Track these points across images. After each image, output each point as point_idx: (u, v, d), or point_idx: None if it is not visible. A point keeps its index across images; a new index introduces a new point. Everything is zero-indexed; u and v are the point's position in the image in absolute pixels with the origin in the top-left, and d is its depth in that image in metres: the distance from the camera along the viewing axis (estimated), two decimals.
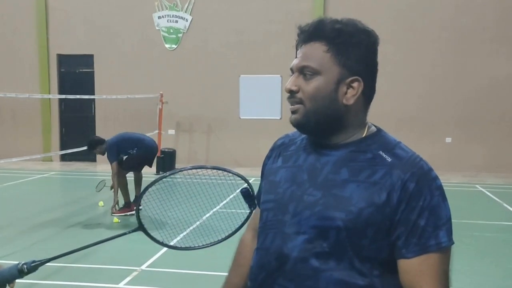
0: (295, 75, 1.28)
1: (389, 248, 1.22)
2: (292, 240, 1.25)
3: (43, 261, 1.27)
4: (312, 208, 1.24)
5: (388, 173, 1.21)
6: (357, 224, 1.19)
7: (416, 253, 1.19)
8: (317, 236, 1.22)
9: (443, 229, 1.20)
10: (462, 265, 5.09)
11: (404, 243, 1.20)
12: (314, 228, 1.23)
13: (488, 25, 11.18)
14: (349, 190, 1.22)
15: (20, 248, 5.44)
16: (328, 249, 1.22)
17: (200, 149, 12.28)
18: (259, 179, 1.48)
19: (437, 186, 1.22)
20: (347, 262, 1.22)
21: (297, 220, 1.25)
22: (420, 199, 1.19)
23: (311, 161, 1.30)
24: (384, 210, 1.19)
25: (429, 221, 1.19)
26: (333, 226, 1.21)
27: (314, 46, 1.25)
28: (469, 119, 11.36)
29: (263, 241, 1.33)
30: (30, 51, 12.62)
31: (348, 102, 1.25)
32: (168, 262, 5.07)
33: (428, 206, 1.19)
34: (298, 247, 1.24)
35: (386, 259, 1.23)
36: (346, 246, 1.21)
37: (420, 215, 1.19)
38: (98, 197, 7.67)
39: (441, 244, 1.20)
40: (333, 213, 1.21)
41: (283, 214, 1.28)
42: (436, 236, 1.19)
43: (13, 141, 12.67)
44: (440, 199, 1.22)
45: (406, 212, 1.19)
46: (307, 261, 1.23)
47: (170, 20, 12.29)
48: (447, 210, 1.22)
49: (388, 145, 1.28)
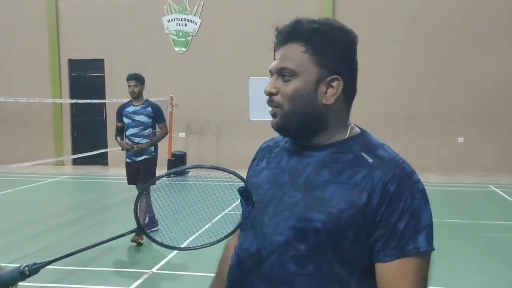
0: (274, 77, 1.27)
1: (369, 251, 1.19)
2: (270, 241, 1.23)
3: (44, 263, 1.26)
4: (292, 209, 1.22)
5: (369, 174, 1.19)
6: (337, 226, 1.17)
7: (394, 257, 1.16)
8: (296, 238, 1.20)
9: (422, 234, 1.17)
10: (474, 265, 5.04)
11: (382, 246, 1.17)
12: (292, 229, 1.21)
13: (497, 23, 11.07)
14: (330, 191, 1.20)
15: (32, 251, 5.48)
16: (306, 252, 1.19)
17: (210, 151, 12.31)
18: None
19: (419, 189, 1.19)
20: (326, 267, 1.19)
21: (276, 221, 1.24)
22: (401, 201, 1.16)
23: (294, 163, 1.29)
24: (364, 212, 1.17)
25: (409, 224, 1.16)
26: (312, 228, 1.18)
27: (292, 47, 1.24)
28: (481, 118, 11.24)
29: (243, 242, 1.32)
30: (41, 56, 12.74)
31: (328, 101, 1.24)
32: (178, 264, 5.08)
33: (409, 209, 1.16)
34: (276, 249, 1.22)
35: (367, 263, 1.20)
36: (326, 249, 1.18)
37: (400, 218, 1.16)
38: (109, 200, 7.70)
39: (419, 248, 1.16)
40: (313, 214, 1.19)
41: (263, 215, 1.27)
42: (415, 240, 1.16)
43: (25, 145, 12.80)
44: (422, 202, 1.18)
45: (386, 214, 1.16)
46: (284, 264, 1.21)
47: (180, 23, 12.34)
48: (428, 215, 1.19)
49: (371, 146, 1.25)
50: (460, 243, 5.79)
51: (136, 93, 5.96)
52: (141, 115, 5.98)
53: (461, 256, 5.36)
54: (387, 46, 11.12)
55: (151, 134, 6.03)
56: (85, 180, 11.05)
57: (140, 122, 5.97)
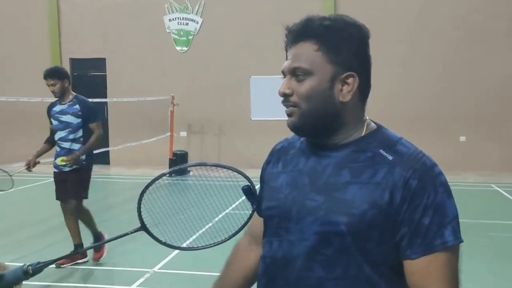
0: (287, 78, 1.25)
1: (396, 250, 1.17)
2: (296, 247, 1.22)
3: (47, 262, 1.26)
4: (315, 214, 1.20)
5: (390, 172, 1.17)
6: (361, 227, 1.15)
7: (421, 254, 1.14)
8: (321, 242, 1.18)
9: (448, 228, 1.15)
10: (478, 265, 5.01)
11: (408, 244, 1.15)
12: (317, 234, 1.19)
13: (501, 22, 11.03)
14: (351, 192, 1.18)
15: (33, 251, 5.48)
16: (333, 255, 1.18)
17: (211, 150, 12.29)
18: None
19: (441, 183, 1.17)
20: (354, 269, 1.17)
21: (300, 227, 1.22)
22: (423, 196, 1.14)
23: (312, 164, 1.26)
24: (387, 211, 1.15)
25: (433, 219, 1.14)
26: (336, 231, 1.17)
27: (304, 46, 1.22)
28: (484, 118, 11.21)
29: (269, 249, 1.29)
30: (43, 56, 12.73)
31: (345, 98, 1.22)
32: (180, 264, 5.06)
33: (432, 204, 1.14)
34: (302, 254, 1.20)
35: (394, 262, 1.18)
36: (352, 252, 1.16)
37: (424, 214, 1.14)
38: (111, 200, 7.70)
39: (446, 243, 1.14)
40: (336, 217, 1.17)
41: (287, 221, 1.25)
42: (442, 235, 1.14)
43: (26, 145, 12.75)
44: (445, 196, 1.16)
45: (409, 211, 1.14)
46: (312, 270, 1.19)
47: (181, 22, 12.32)
48: (453, 208, 1.17)
49: (389, 142, 1.23)
50: (464, 243, 5.71)
51: (58, 92, 4.95)
52: (68, 114, 4.96)
53: (466, 255, 5.27)
54: (390, 46, 11.08)
55: (81, 138, 5.01)
56: None
57: (67, 124, 4.96)
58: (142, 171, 11.23)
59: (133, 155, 12.03)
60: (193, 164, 1.29)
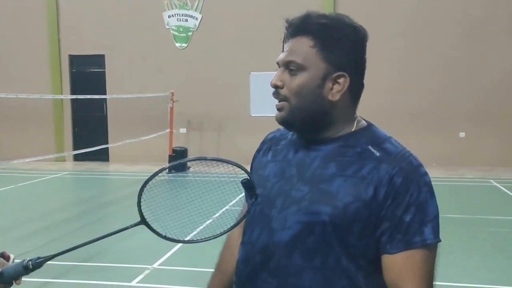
0: (280, 70, 1.26)
1: (376, 246, 1.20)
2: (278, 235, 1.23)
3: (47, 258, 1.26)
4: (299, 203, 1.22)
5: (376, 167, 1.19)
6: (344, 219, 1.17)
7: (400, 249, 1.16)
8: (303, 231, 1.20)
9: (429, 226, 1.17)
10: (476, 260, 5.03)
11: (388, 239, 1.17)
12: (299, 223, 1.21)
13: (501, 17, 11.03)
14: (336, 184, 1.20)
15: (33, 247, 5.48)
16: (313, 245, 1.20)
17: (211, 147, 12.29)
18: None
19: (425, 182, 1.20)
20: (333, 260, 1.19)
21: (284, 215, 1.24)
22: (407, 194, 1.17)
23: (300, 156, 1.28)
24: (371, 205, 1.17)
25: (415, 217, 1.16)
26: (319, 221, 1.19)
27: (301, 40, 1.23)
28: (483, 113, 11.21)
29: (250, 236, 1.31)
30: (41, 52, 12.72)
31: (334, 98, 1.23)
32: (180, 260, 5.08)
33: (415, 202, 1.17)
34: (284, 242, 1.22)
35: (373, 257, 1.20)
36: (332, 242, 1.18)
37: (406, 211, 1.16)
38: (110, 196, 7.71)
39: (426, 240, 1.16)
40: (319, 207, 1.19)
41: (270, 208, 1.27)
42: (422, 233, 1.16)
43: (26, 141, 12.79)
44: (428, 196, 1.19)
45: (392, 208, 1.17)
46: (292, 258, 1.22)
47: (180, 18, 12.30)
48: (434, 207, 1.19)
49: (378, 140, 1.25)
50: (463, 238, 5.78)
51: None
52: None
53: (464, 251, 5.35)
54: (389, 41, 11.07)
55: None
56: (86, 176, 11.05)
57: None
58: (142, 168, 11.24)
59: (132, 151, 12.03)
60: (193, 158, 1.30)
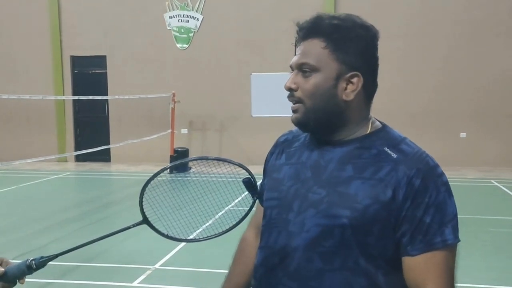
0: (294, 73, 1.28)
1: (395, 246, 1.20)
2: (296, 239, 1.24)
3: (51, 257, 1.28)
4: (317, 206, 1.22)
5: (394, 169, 1.20)
6: (363, 222, 1.18)
7: (421, 250, 1.18)
8: (322, 234, 1.21)
9: (449, 226, 1.19)
10: (478, 260, 5.03)
11: (409, 240, 1.18)
12: (318, 226, 1.21)
13: (501, 17, 11.02)
14: (354, 187, 1.20)
15: (36, 247, 5.50)
16: (333, 248, 1.20)
17: (213, 147, 12.31)
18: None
19: (443, 182, 1.21)
20: (352, 261, 1.20)
21: (302, 219, 1.24)
22: (425, 195, 1.18)
23: (315, 158, 1.28)
24: (389, 207, 1.17)
25: (434, 218, 1.18)
26: (338, 224, 1.19)
27: (312, 42, 1.25)
28: (484, 113, 11.21)
29: (267, 240, 1.31)
30: (43, 53, 12.74)
31: (348, 97, 1.24)
32: (182, 260, 5.08)
33: (434, 203, 1.18)
34: (303, 246, 1.23)
35: (392, 257, 1.21)
36: (351, 245, 1.19)
37: (425, 212, 1.17)
38: (112, 197, 7.72)
39: (446, 241, 1.18)
40: (338, 210, 1.19)
41: (287, 212, 1.27)
42: (442, 233, 1.18)
43: (28, 142, 12.82)
44: (446, 196, 1.20)
45: (412, 209, 1.17)
46: (312, 261, 1.22)
47: (181, 20, 12.32)
48: (453, 207, 1.21)
49: (393, 141, 1.26)
50: (463, 238, 5.67)
51: None
52: None
53: (466, 251, 5.32)
54: (390, 41, 11.07)
55: None
56: (88, 176, 11.06)
57: None
58: (143, 168, 11.26)
59: (134, 152, 12.05)
60: (195, 158, 1.31)
